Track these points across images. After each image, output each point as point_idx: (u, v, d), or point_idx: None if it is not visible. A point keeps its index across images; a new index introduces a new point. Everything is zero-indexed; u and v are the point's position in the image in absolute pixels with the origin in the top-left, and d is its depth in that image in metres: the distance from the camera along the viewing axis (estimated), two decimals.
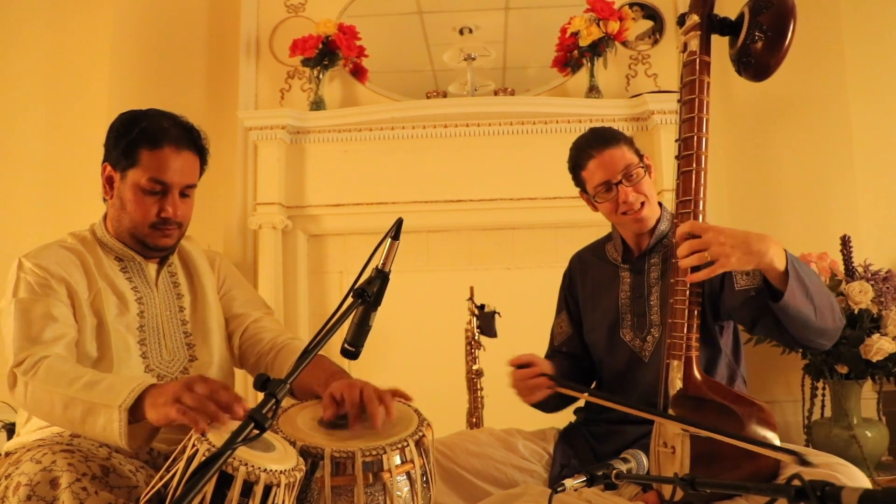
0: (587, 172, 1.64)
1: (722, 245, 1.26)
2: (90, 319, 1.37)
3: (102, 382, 1.18)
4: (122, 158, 1.41)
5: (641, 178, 1.60)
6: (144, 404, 1.13)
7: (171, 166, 1.41)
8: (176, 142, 1.42)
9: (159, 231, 1.43)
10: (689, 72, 1.37)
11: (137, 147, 1.40)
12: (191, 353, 1.48)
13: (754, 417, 1.30)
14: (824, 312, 1.35)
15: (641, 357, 1.62)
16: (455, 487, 1.54)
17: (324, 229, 2.99)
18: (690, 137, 1.36)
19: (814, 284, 1.34)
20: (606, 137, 1.64)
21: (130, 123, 1.42)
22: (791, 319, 1.33)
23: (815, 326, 1.35)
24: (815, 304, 1.32)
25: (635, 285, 1.67)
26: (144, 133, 1.40)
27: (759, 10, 1.31)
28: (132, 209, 1.41)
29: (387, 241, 1.14)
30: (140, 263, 1.48)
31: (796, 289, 1.29)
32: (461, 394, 2.23)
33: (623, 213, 1.61)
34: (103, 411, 1.13)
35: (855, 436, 2.40)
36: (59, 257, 1.39)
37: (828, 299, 1.37)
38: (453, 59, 3.10)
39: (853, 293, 2.44)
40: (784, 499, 0.72)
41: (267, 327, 1.59)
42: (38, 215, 3.11)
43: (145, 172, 1.39)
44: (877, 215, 2.94)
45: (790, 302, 1.29)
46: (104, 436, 1.15)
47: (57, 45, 3.23)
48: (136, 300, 1.44)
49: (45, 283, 1.34)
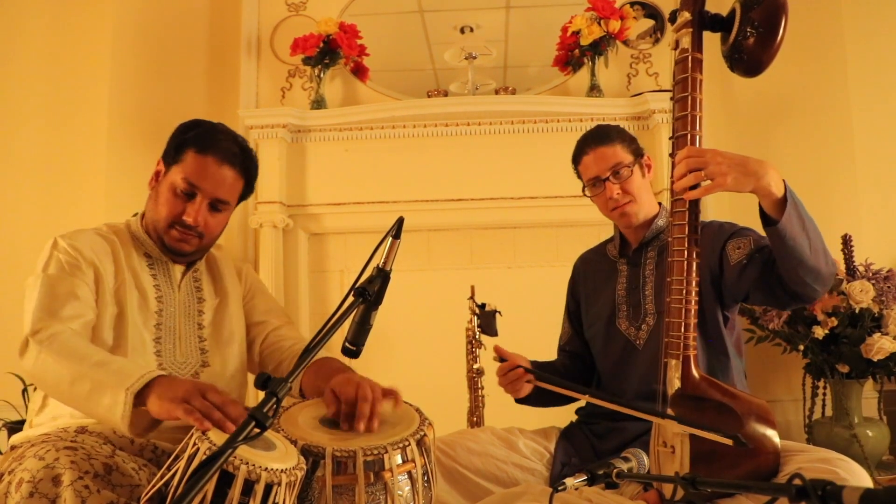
0: (582, 167, 1.73)
1: (719, 164, 1.26)
2: (111, 308, 1.38)
3: (114, 363, 1.19)
4: (172, 154, 1.46)
5: (629, 177, 1.66)
6: (151, 393, 1.12)
7: (208, 174, 1.43)
8: (222, 154, 1.45)
9: (178, 233, 1.44)
10: (682, 69, 1.37)
11: (186, 147, 1.44)
12: (203, 358, 1.48)
13: (753, 415, 1.30)
14: (818, 249, 1.34)
15: (636, 345, 1.65)
16: (456, 486, 1.54)
17: (325, 228, 2.99)
18: (684, 135, 1.36)
19: (809, 219, 1.34)
20: (602, 135, 1.70)
21: (191, 125, 1.48)
22: (787, 251, 1.31)
23: (810, 263, 1.33)
24: (809, 238, 1.32)
25: (631, 277, 1.71)
26: (198, 136, 1.45)
27: (751, 6, 1.31)
28: (161, 204, 1.45)
29: (388, 239, 1.14)
30: (167, 263, 1.50)
31: (793, 216, 1.29)
32: (462, 393, 2.23)
33: (611, 209, 1.68)
34: (110, 391, 1.14)
35: (856, 435, 2.40)
36: (93, 242, 1.42)
37: (821, 238, 1.36)
38: (454, 57, 3.10)
39: (854, 292, 2.44)
40: (785, 497, 0.72)
41: (286, 336, 1.60)
42: (38, 215, 3.11)
43: (183, 172, 1.43)
44: (878, 214, 2.93)
45: (787, 228, 1.28)
46: (106, 416, 1.15)
47: (58, 44, 3.22)
48: (157, 298, 1.46)
49: (75, 264, 1.36)
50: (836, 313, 2.44)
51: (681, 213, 1.37)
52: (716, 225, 1.63)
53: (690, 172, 1.30)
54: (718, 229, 1.60)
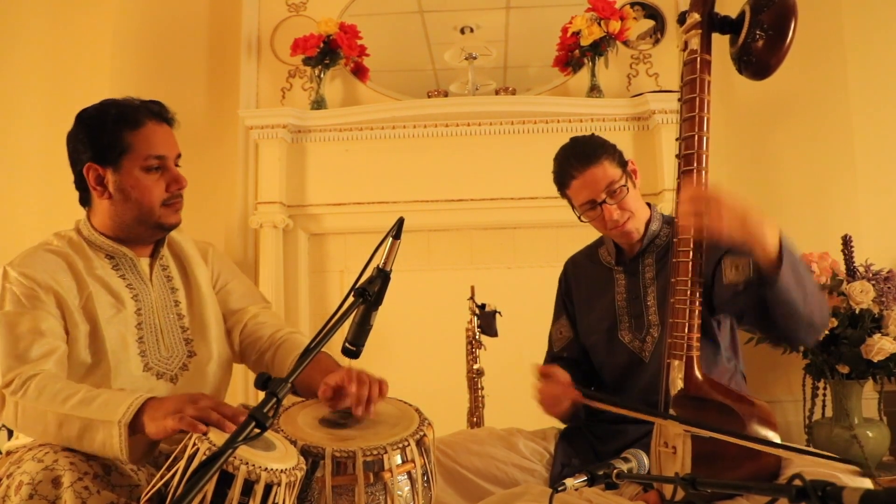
0: (571, 191, 1.64)
1: (719, 216, 1.25)
2: (83, 326, 1.33)
3: (98, 398, 1.16)
4: (110, 150, 1.38)
5: (625, 195, 1.60)
6: (143, 418, 1.12)
7: (160, 139, 1.40)
8: (152, 117, 1.41)
9: (171, 207, 1.42)
10: (690, 70, 1.37)
11: (120, 133, 1.37)
12: (189, 348, 1.46)
13: (755, 417, 1.30)
14: (813, 302, 1.33)
15: (642, 357, 1.62)
16: (456, 486, 1.54)
17: (325, 228, 2.99)
18: (691, 136, 1.36)
19: (805, 272, 1.33)
20: (587, 154, 1.61)
21: (102, 113, 1.40)
22: (780, 305, 1.30)
23: (803, 315, 1.32)
24: (805, 292, 1.31)
25: (630, 287, 1.67)
26: (122, 118, 1.38)
27: (761, 9, 1.31)
28: (139, 194, 1.39)
29: (388, 240, 1.14)
30: (132, 259, 1.44)
31: (788, 273, 1.27)
32: (462, 393, 2.23)
33: (611, 228, 1.62)
34: (101, 427, 1.12)
35: (856, 436, 2.40)
36: (46, 263, 1.35)
37: (816, 290, 1.36)
38: (454, 58, 3.10)
39: (854, 293, 2.44)
40: (785, 498, 0.72)
41: (266, 322, 1.57)
42: (39, 214, 3.11)
43: (140, 152, 1.37)
44: (878, 215, 2.93)
45: (781, 286, 1.27)
46: (103, 451, 1.13)
47: (58, 44, 3.22)
48: (133, 297, 1.41)
49: (31, 294, 1.29)
50: (836, 314, 2.44)
51: None
52: None
53: (693, 214, 1.30)
54: None
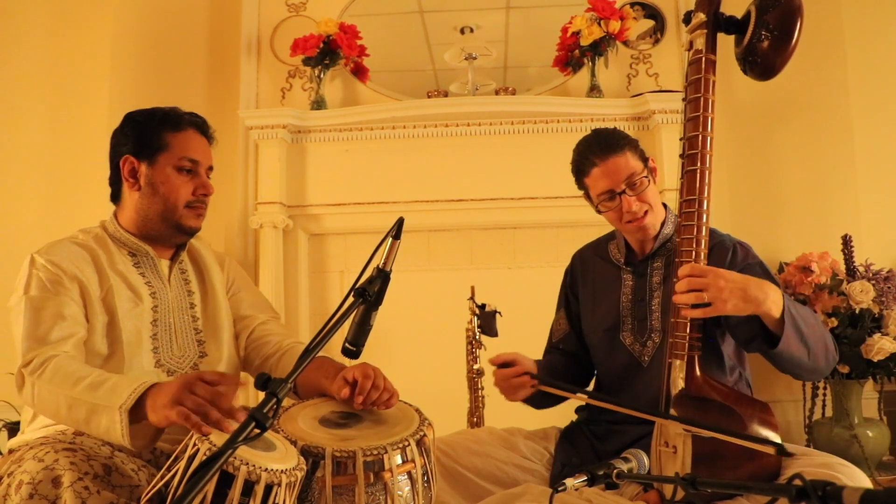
0: (590, 179, 1.61)
1: (720, 290, 1.27)
2: (101, 317, 1.38)
3: (106, 383, 1.18)
4: (149, 146, 1.47)
5: (646, 188, 1.57)
6: (146, 405, 1.13)
7: (197, 146, 1.50)
8: (194, 126, 1.52)
9: (194, 210, 1.49)
10: (695, 70, 1.37)
11: (162, 132, 1.47)
12: (201, 349, 1.50)
13: (756, 417, 1.30)
14: (818, 354, 1.38)
15: (640, 362, 1.61)
16: (456, 486, 1.54)
17: (325, 228, 2.99)
18: (695, 136, 1.36)
19: (809, 327, 1.36)
20: (610, 143, 1.58)
21: (149, 114, 1.50)
22: (784, 362, 1.37)
23: (808, 367, 1.39)
24: (808, 347, 1.35)
25: (637, 289, 1.66)
26: (166, 119, 1.49)
27: (766, 9, 1.31)
28: (167, 191, 1.46)
29: (388, 240, 1.14)
30: (153, 259, 1.50)
31: (791, 335, 1.31)
32: (462, 393, 2.23)
33: (627, 221, 1.59)
34: (105, 412, 1.14)
35: (856, 435, 2.40)
36: (72, 254, 1.40)
37: (822, 341, 1.39)
38: (454, 58, 3.09)
39: (854, 293, 2.44)
40: (785, 498, 0.72)
41: (273, 331, 1.61)
42: (40, 214, 3.11)
43: (176, 153, 1.47)
44: (878, 215, 2.93)
45: (785, 348, 1.32)
46: (108, 436, 1.16)
47: (58, 44, 3.22)
48: (151, 295, 1.46)
49: (56, 281, 1.34)
50: (836, 314, 2.44)
51: (689, 214, 1.37)
52: (727, 244, 1.57)
53: (692, 291, 1.30)
54: (727, 253, 1.55)
